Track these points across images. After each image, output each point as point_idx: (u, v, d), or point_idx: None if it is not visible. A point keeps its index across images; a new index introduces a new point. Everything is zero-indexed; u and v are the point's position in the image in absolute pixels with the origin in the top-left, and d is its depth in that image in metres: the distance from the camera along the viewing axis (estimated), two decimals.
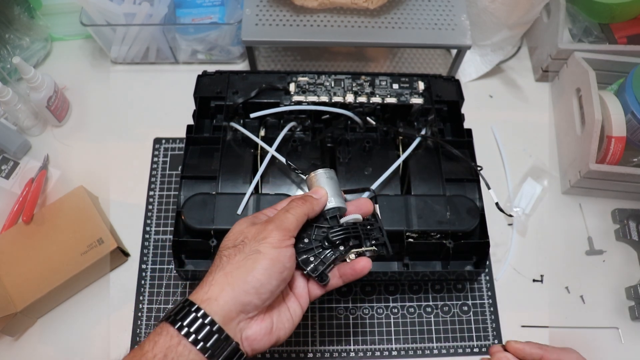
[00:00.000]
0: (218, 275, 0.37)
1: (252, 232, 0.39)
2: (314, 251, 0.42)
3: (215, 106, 0.60)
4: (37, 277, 0.57)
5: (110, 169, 0.70)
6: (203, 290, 0.37)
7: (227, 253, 0.39)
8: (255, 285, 0.37)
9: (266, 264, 0.37)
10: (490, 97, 0.78)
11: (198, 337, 0.35)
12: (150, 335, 0.36)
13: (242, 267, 0.37)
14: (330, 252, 0.42)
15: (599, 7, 0.73)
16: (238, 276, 0.37)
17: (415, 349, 0.60)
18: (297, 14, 0.68)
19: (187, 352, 0.34)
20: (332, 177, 0.45)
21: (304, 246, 0.42)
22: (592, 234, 0.67)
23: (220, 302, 0.36)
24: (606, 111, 0.63)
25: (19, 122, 0.69)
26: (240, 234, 0.40)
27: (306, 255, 0.42)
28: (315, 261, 0.42)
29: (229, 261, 0.38)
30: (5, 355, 0.58)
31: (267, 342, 0.39)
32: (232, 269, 0.37)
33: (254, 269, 0.37)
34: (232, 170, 0.56)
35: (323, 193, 0.43)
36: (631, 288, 0.63)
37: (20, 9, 0.73)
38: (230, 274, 0.37)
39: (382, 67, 0.79)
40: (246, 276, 0.37)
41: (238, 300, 0.36)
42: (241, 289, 0.36)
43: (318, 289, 0.43)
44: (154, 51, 0.76)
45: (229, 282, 0.36)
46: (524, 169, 0.71)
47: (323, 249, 0.42)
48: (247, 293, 0.36)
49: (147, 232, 0.66)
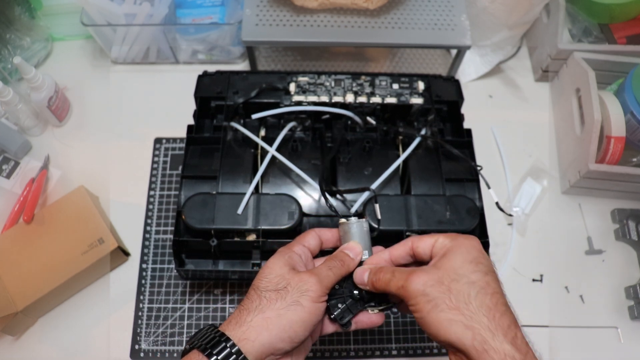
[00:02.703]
0: (257, 318, 0.39)
1: (295, 281, 0.41)
2: (343, 298, 0.44)
3: (216, 106, 0.60)
4: (38, 276, 0.57)
5: (110, 169, 0.70)
6: (241, 329, 0.38)
7: (267, 296, 0.40)
8: (292, 335, 0.39)
9: (305, 317, 0.39)
10: (490, 97, 0.78)
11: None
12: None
13: (283, 317, 0.39)
14: (358, 304, 0.44)
15: (598, 7, 0.73)
16: (277, 324, 0.38)
17: (415, 348, 0.60)
18: (297, 14, 0.69)
19: None
20: (366, 228, 0.46)
21: (334, 292, 0.44)
22: (592, 234, 0.67)
23: (256, 344, 0.38)
24: (605, 111, 0.64)
25: (19, 122, 0.69)
26: (282, 279, 0.41)
27: (335, 301, 0.44)
28: (342, 308, 0.44)
29: (269, 305, 0.39)
30: (5, 355, 0.59)
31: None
32: (271, 315, 0.39)
33: (294, 321, 0.39)
34: (233, 170, 0.56)
35: (358, 251, 0.45)
36: (630, 288, 0.63)
37: (21, 10, 0.73)
38: (269, 320, 0.39)
39: (382, 67, 0.79)
40: (285, 326, 0.38)
41: (272, 345, 0.38)
42: (277, 336, 0.38)
43: (332, 328, 0.45)
44: (154, 51, 0.76)
45: (267, 328, 0.38)
46: (523, 169, 0.71)
47: (351, 299, 0.44)
48: (282, 340, 0.38)
49: (147, 231, 0.66)
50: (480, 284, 0.38)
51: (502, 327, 0.36)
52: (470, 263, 0.39)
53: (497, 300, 0.37)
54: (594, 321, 0.62)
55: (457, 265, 0.39)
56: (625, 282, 0.64)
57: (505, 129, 0.74)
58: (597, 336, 0.62)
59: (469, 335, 0.35)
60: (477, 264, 0.39)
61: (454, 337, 0.36)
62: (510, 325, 0.36)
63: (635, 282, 0.63)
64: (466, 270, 0.38)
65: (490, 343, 0.35)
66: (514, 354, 0.35)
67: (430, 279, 0.38)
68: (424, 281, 0.38)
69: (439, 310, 0.37)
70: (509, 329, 0.36)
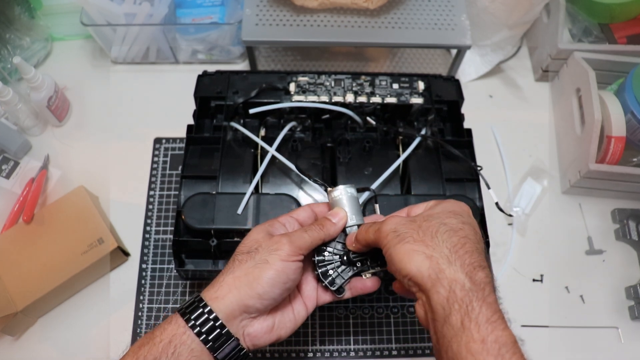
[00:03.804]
0: (228, 277, 0.41)
1: (266, 242, 0.42)
2: (334, 265, 0.45)
3: (216, 106, 0.60)
4: (38, 276, 0.57)
5: (110, 169, 0.70)
6: (213, 289, 0.40)
7: (240, 258, 0.42)
8: (259, 292, 0.40)
9: (272, 274, 0.40)
10: (490, 97, 0.78)
11: (202, 330, 0.38)
12: (162, 323, 0.40)
13: (250, 274, 0.40)
14: (349, 269, 0.45)
15: (598, 7, 0.73)
16: (245, 281, 0.40)
17: (415, 348, 0.60)
18: (297, 14, 0.69)
19: (190, 342, 0.38)
20: (352, 194, 0.47)
21: (324, 260, 0.45)
22: (592, 234, 0.67)
23: (226, 301, 0.39)
24: (606, 111, 0.64)
25: (19, 122, 0.69)
26: (255, 242, 0.42)
27: (326, 268, 0.45)
28: (334, 274, 0.45)
29: (240, 266, 0.41)
30: (5, 355, 0.59)
31: (268, 339, 0.42)
32: (241, 274, 0.40)
33: (260, 277, 0.40)
34: (232, 170, 0.56)
35: (342, 216, 0.45)
36: (631, 288, 0.63)
37: (20, 9, 0.73)
38: (238, 279, 0.40)
39: (382, 67, 0.79)
40: (252, 283, 0.40)
41: (242, 302, 0.39)
42: (246, 293, 0.39)
43: (327, 296, 0.46)
44: (154, 51, 0.76)
45: (236, 286, 0.40)
46: (524, 169, 0.71)
47: (342, 264, 0.45)
48: (250, 297, 0.39)
49: (147, 231, 0.66)
50: (452, 226, 0.38)
51: (462, 260, 0.35)
52: (450, 212, 0.39)
53: (465, 242, 0.37)
54: (595, 321, 0.62)
55: (434, 212, 0.40)
56: (625, 282, 0.64)
57: (505, 129, 0.74)
58: (597, 336, 0.62)
59: (427, 264, 0.35)
60: (456, 214, 0.39)
61: (414, 268, 0.36)
62: (473, 264, 0.35)
63: (635, 282, 0.63)
64: (442, 216, 0.39)
65: (445, 272, 0.35)
66: (464, 282, 0.34)
67: (403, 219, 0.40)
68: (396, 221, 0.39)
69: (404, 243, 0.37)
70: (470, 265, 0.35)
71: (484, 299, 0.33)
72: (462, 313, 0.33)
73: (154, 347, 0.37)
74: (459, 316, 0.33)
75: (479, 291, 0.34)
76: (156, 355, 0.37)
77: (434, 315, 0.35)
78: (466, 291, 0.34)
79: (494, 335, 0.32)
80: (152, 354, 0.37)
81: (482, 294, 0.34)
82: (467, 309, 0.33)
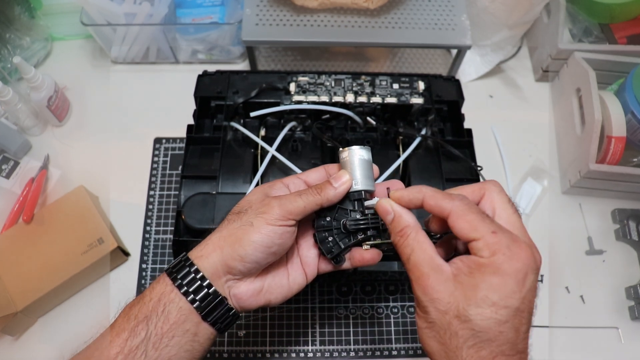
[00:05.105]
0: (215, 236, 0.40)
1: (257, 204, 0.40)
2: (333, 232, 0.42)
3: (216, 106, 0.60)
4: (37, 276, 0.57)
5: (110, 168, 0.70)
6: (200, 247, 0.40)
7: (229, 217, 0.41)
8: (241, 253, 0.38)
9: (255, 237, 0.38)
10: (490, 97, 0.78)
11: (189, 290, 0.38)
12: (152, 283, 0.40)
13: (234, 235, 0.39)
14: (348, 238, 0.42)
15: (599, 7, 0.73)
16: (229, 242, 0.39)
17: (415, 348, 0.60)
18: (297, 14, 0.69)
19: (178, 300, 0.38)
20: (363, 156, 0.43)
21: (325, 225, 0.42)
22: (592, 234, 0.67)
23: (210, 260, 0.39)
24: (606, 111, 0.64)
25: (19, 122, 0.69)
26: (247, 203, 0.41)
27: (325, 234, 0.42)
28: (332, 242, 0.42)
29: (227, 225, 0.40)
30: (5, 355, 0.58)
31: (255, 302, 0.41)
32: (226, 234, 0.39)
33: (242, 239, 0.38)
34: (233, 170, 0.56)
35: (344, 180, 0.41)
36: (631, 288, 0.63)
37: (20, 9, 0.73)
38: (223, 238, 0.39)
39: (382, 67, 0.79)
40: (234, 244, 0.39)
41: (224, 262, 0.39)
42: (228, 254, 0.38)
43: (328, 265, 0.44)
44: (154, 51, 0.76)
45: (220, 245, 0.39)
46: (524, 169, 0.71)
47: (341, 232, 0.42)
48: (232, 259, 0.38)
49: (147, 231, 0.66)
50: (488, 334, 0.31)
51: None
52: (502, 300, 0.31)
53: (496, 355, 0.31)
54: (595, 321, 0.62)
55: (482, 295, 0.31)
56: (625, 283, 0.64)
57: (505, 129, 0.74)
58: (597, 336, 0.61)
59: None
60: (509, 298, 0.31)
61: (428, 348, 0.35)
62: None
63: (635, 282, 0.63)
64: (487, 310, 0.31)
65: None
66: None
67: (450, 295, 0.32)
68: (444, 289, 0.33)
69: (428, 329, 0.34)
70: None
71: None
72: None
73: (144, 306, 0.38)
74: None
75: None
76: (147, 314, 0.37)
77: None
78: None
79: None
80: (143, 312, 0.37)
81: None
82: None
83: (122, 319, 0.38)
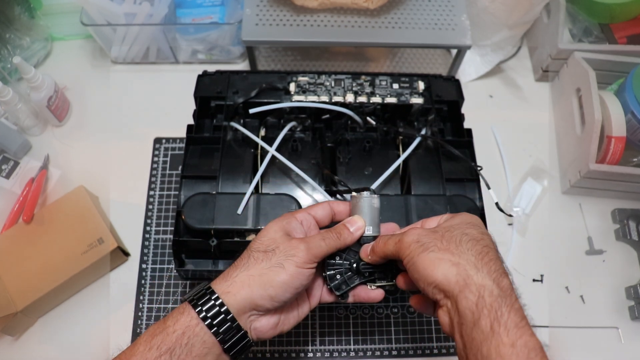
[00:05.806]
0: (242, 274, 0.41)
1: (284, 245, 0.42)
2: (342, 271, 0.45)
3: (216, 106, 0.60)
4: (37, 276, 0.57)
5: (110, 168, 0.70)
6: (226, 282, 0.41)
7: (256, 256, 0.42)
8: (271, 294, 0.40)
9: (286, 279, 0.41)
10: (490, 97, 0.78)
11: (214, 323, 0.39)
12: (173, 313, 0.40)
13: (265, 275, 0.41)
14: (357, 277, 0.46)
15: (599, 7, 0.73)
16: (259, 282, 0.41)
17: (415, 348, 0.60)
18: (297, 14, 0.68)
19: (203, 334, 0.39)
20: (374, 204, 0.47)
21: (334, 263, 0.45)
22: (592, 234, 0.67)
23: (237, 297, 0.40)
24: (606, 111, 0.64)
25: (19, 122, 0.69)
26: (272, 242, 0.43)
27: (334, 272, 0.45)
28: (340, 280, 0.45)
29: (255, 264, 0.42)
30: (5, 355, 0.59)
31: (272, 333, 0.43)
32: (255, 273, 0.41)
33: (274, 280, 0.40)
34: (232, 170, 0.56)
35: (360, 226, 0.45)
36: (631, 288, 0.63)
37: (20, 9, 0.73)
38: (252, 277, 0.41)
39: (382, 67, 0.79)
40: (265, 284, 0.40)
41: (252, 301, 0.40)
42: (258, 293, 0.40)
43: (331, 298, 0.47)
44: (154, 51, 0.76)
45: (249, 284, 0.40)
46: (524, 169, 0.71)
47: (350, 272, 0.46)
48: (262, 298, 0.40)
49: (147, 231, 0.66)
50: (473, 236, 0.39)
51: (488, 267, 0.37)
52: (468, 223, 0.41)
53: (488, 250, 0.38)
54: (595, 321, 0.62)
55: (454, 223, 0.41)
56: (625, 282, 0.64)
57: (505, 129, 0.74)
58: (597, 336, 0.61)
59: (454, 271, 0.36)
60: (475, 225, 0.41)
61: (440, 275, 0.37)
62: (498, 271, 0.37)
63: (635, 282, 0.63)
64: (462, 226, 0.40)
65: (473, 278, 0.36)
66: (492, 288, 0.35)
67: (424, 230, 0.40)
68: (418, 232, 0.40)
69: (429, 252, 0.38)
70: (495, 272, 0.36)
71: (512, 305, 0.34)
72: (491, 318, 0.34)
73: (167, 337, 0.38)
74: (489, 321, 0.34)
75: (506, 297, 0.35)
76: (170, 346, 0.38)
77: (462, 320, 0.35)
78: (495, 297, 0.34)
79: (523, 340, 0.33)
80: (166, 344, 0.38)
81: (510, 300, 0.35)
82: (496, 314, 0.34)
83: (144, 348, 0.38)
